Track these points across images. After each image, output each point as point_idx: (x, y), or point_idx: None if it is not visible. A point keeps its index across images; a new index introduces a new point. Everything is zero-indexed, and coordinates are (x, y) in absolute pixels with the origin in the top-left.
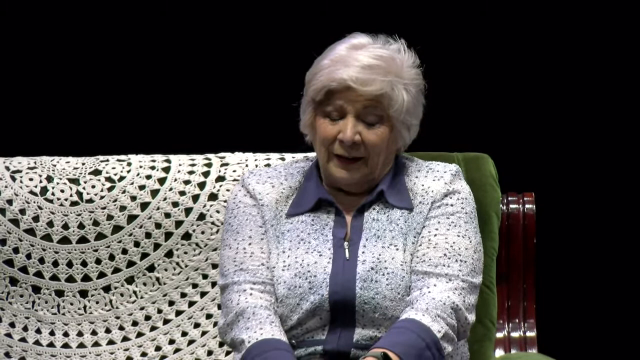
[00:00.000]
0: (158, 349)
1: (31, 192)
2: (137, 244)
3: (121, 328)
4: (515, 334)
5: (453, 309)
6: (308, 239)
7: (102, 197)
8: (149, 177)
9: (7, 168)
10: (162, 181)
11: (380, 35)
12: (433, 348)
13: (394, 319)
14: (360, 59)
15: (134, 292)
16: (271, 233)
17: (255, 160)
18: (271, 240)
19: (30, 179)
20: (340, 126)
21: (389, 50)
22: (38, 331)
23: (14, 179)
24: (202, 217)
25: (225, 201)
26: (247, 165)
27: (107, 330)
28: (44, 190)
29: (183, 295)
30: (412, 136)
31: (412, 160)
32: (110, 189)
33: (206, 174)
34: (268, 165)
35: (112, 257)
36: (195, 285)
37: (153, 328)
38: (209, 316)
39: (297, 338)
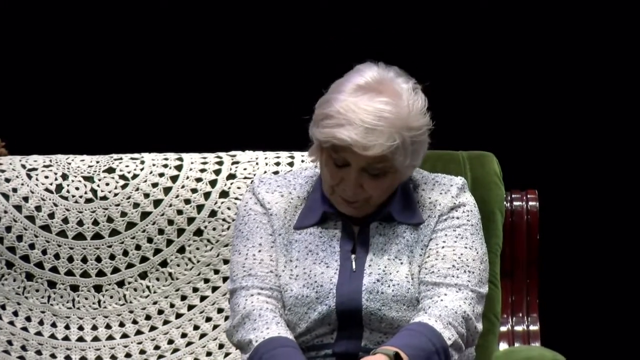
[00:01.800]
0: (171, 342)
1: (47, 190)
2: (150, 240)
3: (135, 322)
4: (518, 328)
5: (464, 318)
6: (316, 250)
7: (116, 195)
8: (161, 175)
9: (24, 166)
10: (174, 179)
11: (392, 68)
12: (442, 354)
13: (401, 328)
14: (364, 119)
15: (147, 287)
16: (279, 242)
17: (266, 158)
18: (279, 249)
19: (46, 177)
20: (344, 174)
21: (397, 100)
22: (53, 325)
23: (30, 176)
24: (213, 214)
25: (236, 198)
26: (257, 164)
27: (121, 324)
28: (59, 188)
29: (195, 290)
30: (418, 166)
31: (417, 171)
32: (124, 187)
33: (217, 172)
34: (277, 163)
35: (125, 253)
36: (206, 281)
37: (166, 322)
38: (220, 310)
39: (306, 343)
